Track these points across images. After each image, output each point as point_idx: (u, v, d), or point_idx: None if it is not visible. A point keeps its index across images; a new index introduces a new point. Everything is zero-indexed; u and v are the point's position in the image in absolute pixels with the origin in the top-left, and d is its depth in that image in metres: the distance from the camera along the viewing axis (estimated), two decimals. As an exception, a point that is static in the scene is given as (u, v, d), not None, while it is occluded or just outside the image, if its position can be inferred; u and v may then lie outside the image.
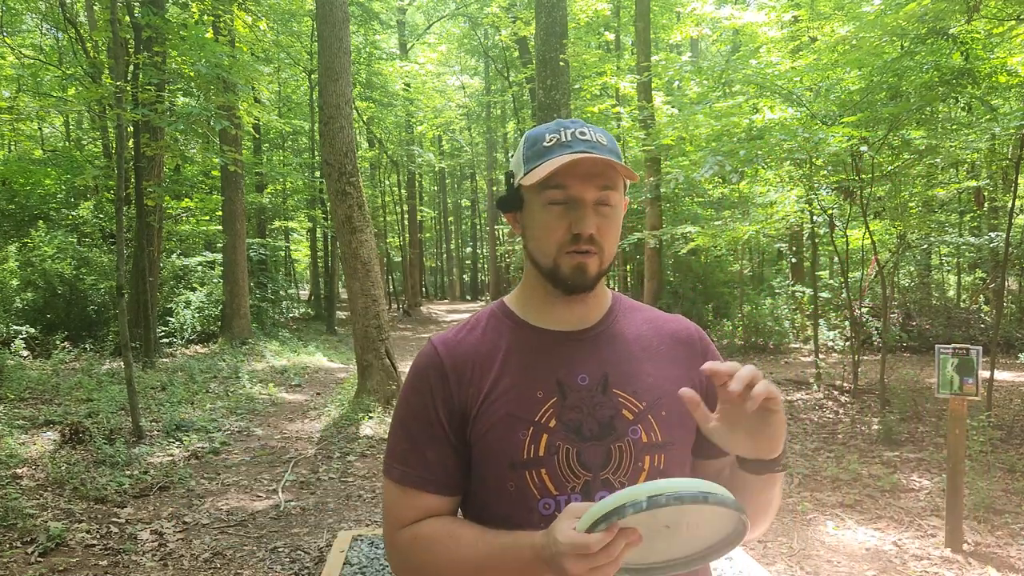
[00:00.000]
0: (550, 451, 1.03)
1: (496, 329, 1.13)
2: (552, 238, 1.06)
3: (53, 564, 3.77)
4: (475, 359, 1.09)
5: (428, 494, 1.08)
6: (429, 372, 1.10)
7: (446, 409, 1.07)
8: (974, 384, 3.76)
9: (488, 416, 1.05)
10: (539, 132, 1.10)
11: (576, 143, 1.05)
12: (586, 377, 1.07)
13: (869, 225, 7.69)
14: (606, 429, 1.04)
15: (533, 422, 1.04)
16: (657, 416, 1.06)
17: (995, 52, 6.43)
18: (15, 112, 9.73)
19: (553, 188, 1.05)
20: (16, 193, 13.48)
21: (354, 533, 4.06)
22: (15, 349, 9.99)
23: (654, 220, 12.29)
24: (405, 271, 27.36)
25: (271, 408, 8.21)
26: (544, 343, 1.10)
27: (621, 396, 1.06)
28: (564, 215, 1.06)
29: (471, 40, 25.41)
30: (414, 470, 1.08)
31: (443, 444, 1.08)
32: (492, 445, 1.04)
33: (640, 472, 1.04)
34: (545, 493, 1.03)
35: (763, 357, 11.87)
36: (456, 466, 1.08)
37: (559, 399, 1.05)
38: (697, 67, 10.72)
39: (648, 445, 1.05)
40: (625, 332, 1.14)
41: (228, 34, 12.76)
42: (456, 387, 1.08)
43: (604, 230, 1.06)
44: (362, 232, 7.69)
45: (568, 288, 1.08)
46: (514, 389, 1.06)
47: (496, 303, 1.19)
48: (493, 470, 1.05)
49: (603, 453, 1.03)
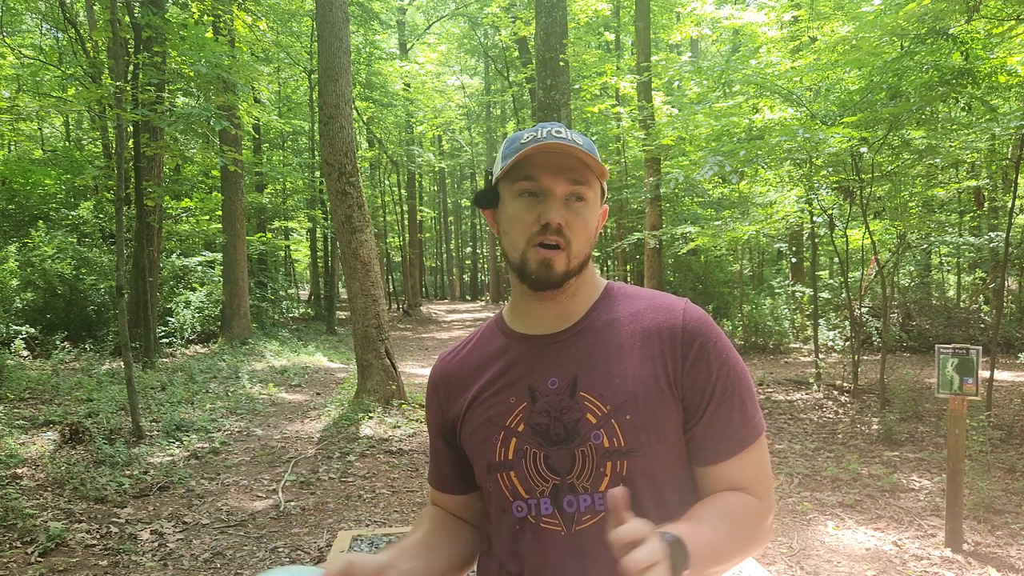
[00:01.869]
0: (518, 455, 1.05)
1: (488, 340, 1.18)
2: (520, 228, 1.05)
3: (53, 564, 3.77)
4: (463, 372, 1.17)
5: (437, 491, 1.25)
6: (430, 388, 1.23)
7: (439, 420, 1.20)
8: (974, 384, 3.75)
9: (471, 423, 1.12)
10: (519, 132, 1.11)
11: (549, 139, 1.04)
12: (556, 380, 1.06)
13: (869, 225, 7.69)
14: (571, 433, 1.03)
15: (504, 426, 1.07)
16: (621, 420, 1.02)
17: (995, 52, 6.42)
18: (15, 112, 9.71)
19: (524, 180, 1.05)
20: (16, 193, 13.49)
21: (354, 533, 4.06)
22: (15, 349, 9.99)
23: (654, 220, 12.29)
24: (405, 271, 27.36)
25: (271, 408, 8.21)
26: (524, 348, 1.11)
27: (588, 399, 1.04)
28: (533, 206, 1.05)
29: (471, 40, 25.42)
30: (431, 468, 1.26)
31: (443, 450, 1.21)
32: (474, 450, 1.12)
33: (602, 477, 1.01)
34: (517, 496, 1.05)
35: (763, 357, 11.87)
36: (453, 471, 1.20)
37: (528, 404, 1.07)
38: (697, 67, 10.72)
39: (610, 450, 1.01)
40: (606, 327, 1.09)
41: (228, 34, 12.76)
42: (445, 402, 1.18)
43: (573, 224, 1.04)
44: (362, 232, 7.69)
45: (534, 283, 1.06)
46: (492, 396, 1.10)
47: (496, 314, 1.23)
48: (478, 473, 1.13)
49: (568, 457, 1.03)
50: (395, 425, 7.01)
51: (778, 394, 8.44)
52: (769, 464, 1.10)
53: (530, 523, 1.04)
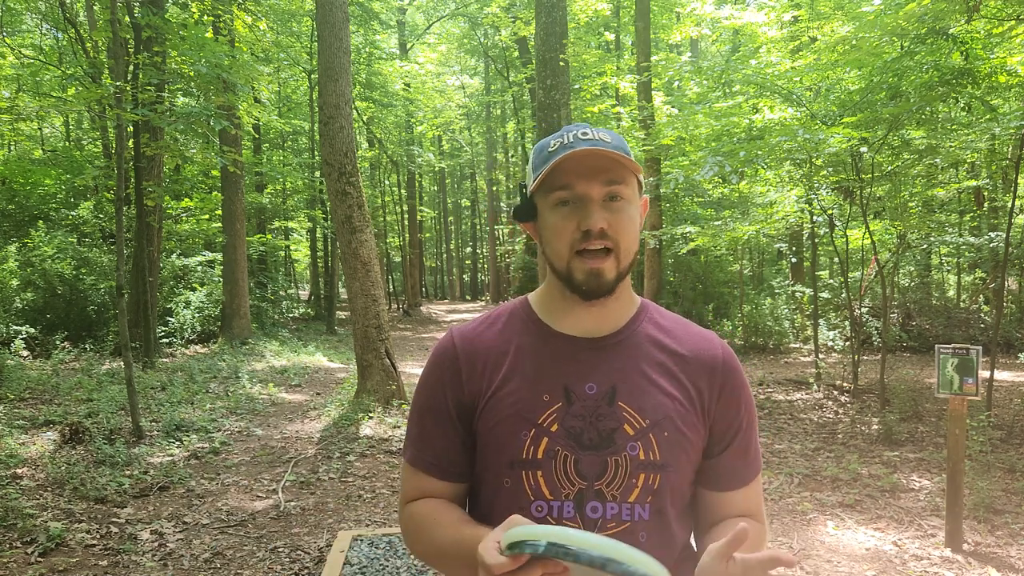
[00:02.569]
0: (548, 455, 1.04)
1: (514, 327, 1.14)
2: (562, 239, 1.05)
3: (53, 564, 3.77)
4: (488, 354, 1.11)
5: (432, 477, 1.14)
6: (444, 362, 1.14)
7: (455, 399, 1.11)
8: (974, 384, 3.75)
9: (494, 412, 1.07)
10: (545, 141, 1.10)
11: (577, 143, 1.04)
12: (594, 386, 1.06)
13: (869, 225, 7.69)
14: (605, 441, 1.04)
15: (536, 424, 1.05)
16: (659, 436, 1.05)
17: (995, 52, 6.42)
18: (15, 112, 9.71)
19: (559, 189, 1.04)
20: (16, 193, 13.49)
21: (354, 533, 4.07)
22: (15, 349, 9.99)
23: (654, 220, 12.30)
24: (405, 271, 27.37)
25: (271, 408, 8.21)
26: (558, 347, 1.10)
27: (626, 411, 1.05)
28: (572, 214, 1.04)
29: (471, 40, 25.42)
30: (422, 453, 1.14)
31: (450, 432, 1.12)
32: (495, 441, 1.07)
33: (633, 488, 1.03)
34: (539, 495, 1.04)
35: (763, 357, 11.87)
36: (461, 454, 1.13)
37: (564, 405, 1.05)
38: (697, 67, 10.72)
39: (645, 463, 1.04)
40: (643, 344, 1.11)
41: (228, 34, 12.76)
42: (467, 379, 1.11)
43: (616, 225, 1.04)
44: (362, 232, 7.69)
45: (584, 294, 1.06)
46: (522, 389, 1.07)
47: (519, 300, 1.20)
48: (493, 465, 1.08)
49: (600, 463, 1.03)
50: (395, 425, 7.01)
51: (778, 394, 8.44)
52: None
53: (549, 524, 1.02)
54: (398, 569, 3.51)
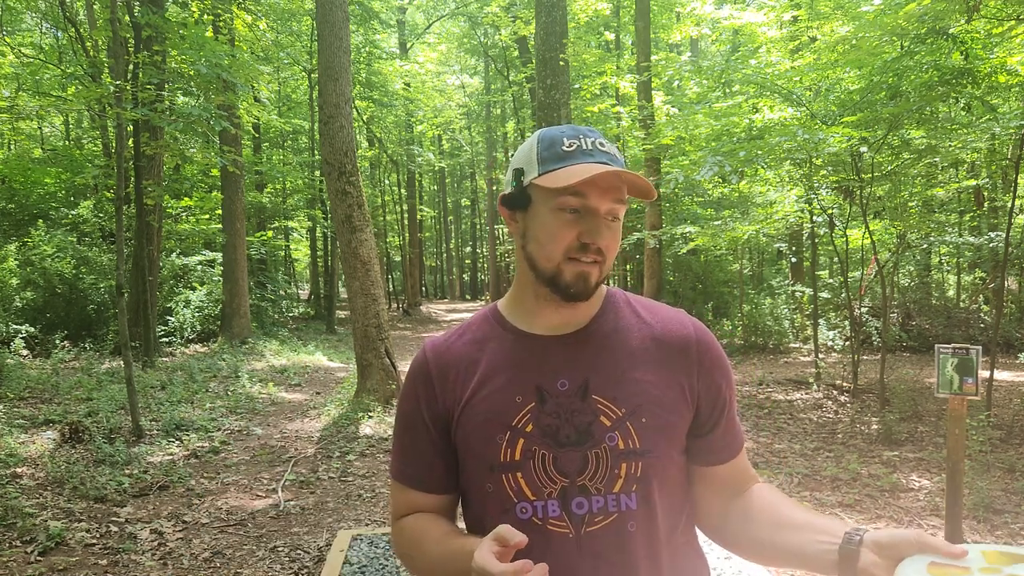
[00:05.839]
0: (526, 456, 1.04)
1: (485, 334, 1.15)
2: (560, 244, 1.05)
3: (53, 563, 3.77)
4: (459, 364, 1.12)
5: (417, 491, 1.15)
6: (418, 377, 1.15)
7: (431, 413, 1.12)
8: (974, 384, 3.75)
9: (470, 420, 1.08)
10: (555, 134, 1.07)
11: (597, 153, 1.04)
12: (566, 382, 1.06)
13: (869, 225, 7.69)
14: (583, 435, 1.04)
15: (510, 426, 1.05)
16: (636, 423, 1.04)
17: (995, 52, 6.42)
18: (15, 111, 9.71)
19: (572, 195, 1.03)
20: (16, 192, 13.49)
21: (354, 532, 4.07)
22: (15, 348, 10.00)
23: (654, 220, 12.30)
24: (405, 271, 27.37)
25: (271, 407, 8.21)
26: (529, 347, 1.10)
27: (600, 402, 1.05)
28: (575, 223, 1.04)
29: (471, 40, 25.40)
30: (406, 468, 1.16)
31: (429, 446, 1.13)
32: (473, 448, 1.08)
33: (617, 479, 1.03)
34: (522, 497, 1.04)
35: (763, 357, 11.87)
36: (442, 467, 1.13)
37: (537, 404, 1.06)
38: (697, 67, 10.72)
39: (625, 452, 1.03)
40: (613, 333, 1.11)
41: (228, 33, 12.76)
42: (440, 392, 1.12)
43: (609, 242, 1.06)
44: (362, 231, 7.69)
45: (569, 295, 1.06)
46: (495, 394, 1.08)
47: (490, 307, 1.20)
48: (475, 472, 1.09)
49: (579, 459, 1.03)
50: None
51: (778, 394, 8.45)
52: None
53: (536, 525, 1.03)
54: (398, 568, 3.51)
